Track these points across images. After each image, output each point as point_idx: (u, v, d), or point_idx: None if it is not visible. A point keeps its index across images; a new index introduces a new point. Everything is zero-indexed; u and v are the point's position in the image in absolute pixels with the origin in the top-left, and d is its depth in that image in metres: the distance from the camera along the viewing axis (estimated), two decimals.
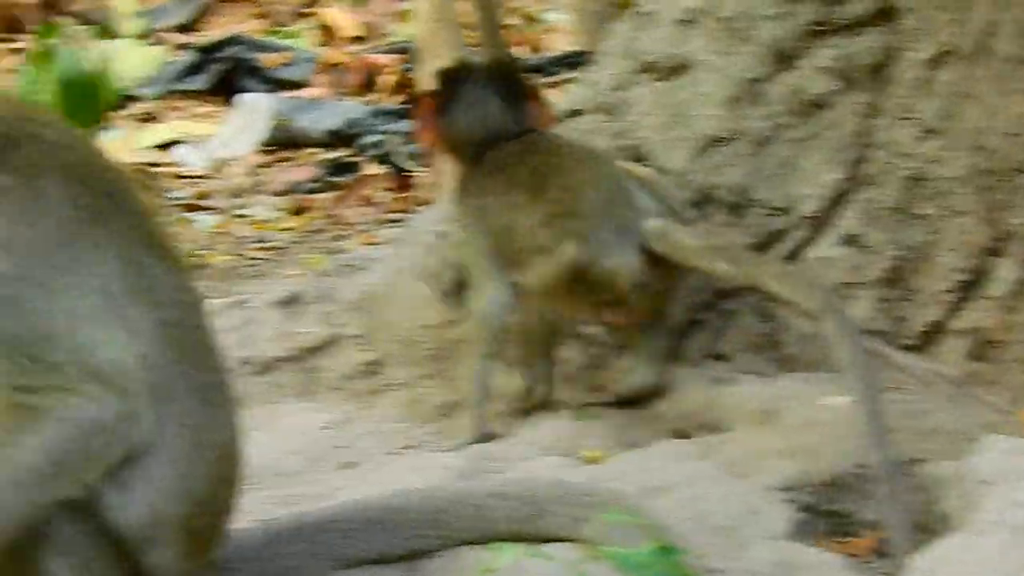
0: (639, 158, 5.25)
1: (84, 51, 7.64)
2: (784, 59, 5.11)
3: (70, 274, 3.22)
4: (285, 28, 10.35)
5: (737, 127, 5.15)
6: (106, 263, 3.23)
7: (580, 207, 4.85)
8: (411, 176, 8.09)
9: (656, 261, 4.80)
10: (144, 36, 9.91)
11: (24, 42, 9.54)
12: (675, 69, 5.27)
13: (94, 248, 3.23)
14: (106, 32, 8.34)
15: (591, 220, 4.82)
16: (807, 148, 5.11)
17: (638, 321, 4.98)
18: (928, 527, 4.00)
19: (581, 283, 4.81)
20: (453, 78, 5.30)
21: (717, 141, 5.16)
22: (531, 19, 10.00)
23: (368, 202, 7.91)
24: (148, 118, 8.93)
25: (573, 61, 8.55)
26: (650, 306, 4.92)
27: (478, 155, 5.15)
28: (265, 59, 9.58)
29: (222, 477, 3.41)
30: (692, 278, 4.99)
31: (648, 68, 5.33)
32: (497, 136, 5.12)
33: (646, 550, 3.17)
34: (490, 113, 5.15)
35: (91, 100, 7.67)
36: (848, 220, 5.06)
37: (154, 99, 9.15)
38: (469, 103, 5.17)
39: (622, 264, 4.79)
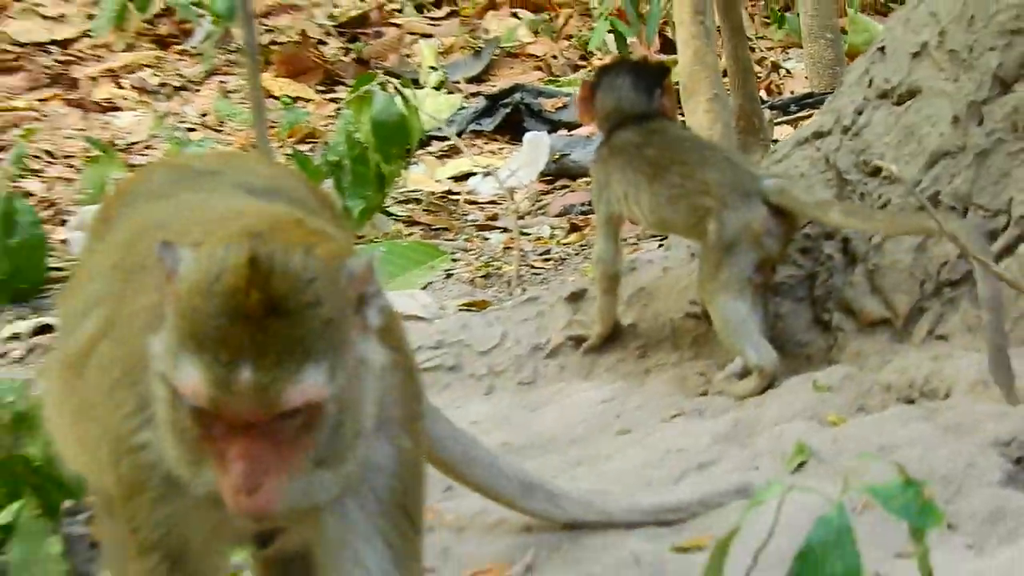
0: (876, 171, 5.42)
1: (394, 97, 7.83)
2: (1003, 84, 5.23)
3: None
4: (561, 78, 10.57)
5: (961, 143, 5.25)
6: None
7: (707, 186, 5.40)
8: None
9: (778, 213, 5.32)
10: (442, 86, 10.17)
11: (341, 93, 9.93)
12: (908, 94, 5.45)
13: None
14: (411, 83, 8.67)
15: (718, 194, 5.36)
16: (1021, 160, 5.19)
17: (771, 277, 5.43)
18: None
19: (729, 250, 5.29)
20: (605, 70, 6.05)
21: (944, 155, 5.28)
22: (775, 66, 10.17)
23: (632, 222, 8.07)
24: (447, 154, 9.21)
25: (806, 101, 8.75)
26: (779, 255, 5.38)
27: (611, 132, 5.78)
28: (544, 103, 9.77)
29: None
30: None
31: (884, 94, 5.52)
32: (627, 117, 5.75)
33: (895, 483, 2.90)
34: (623, 97, 5.79)
35: (400, 138, 7.87)
36: None
37: (451, 138, 9.31)
38: (609, 88, 5.83)
39: (753, 217, 5.29)
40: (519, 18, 11.32)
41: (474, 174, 8.97)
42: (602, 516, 4.24)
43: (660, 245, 6.21)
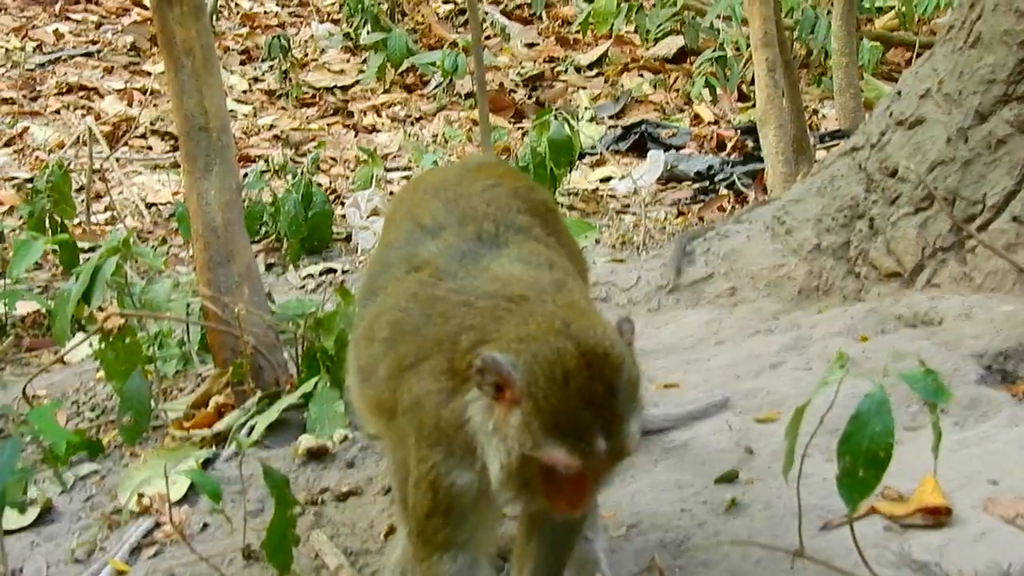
0: (894, 173, 5.39)
1: (562, 125, 7.85)
2: (982, 116, 5.19)
3: None
4: (672, 116, 10.54)
5: (952, 155, 5.21)
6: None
7: None
8: (745, 198, 8.14)
9: None
10: (593, 120, 10.13)
11: (525, 124, 9.91)
12: (916, 122, 5.42)
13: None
14: (572, 116, 8.72)
15: None
16: (993, 166, 5.14)
17: None
18: None
19: None
20: None
21: (940, 163, 5.24)
22: (815, 111, 10.05)
23: (720, 210, 8.00)
24: (596, 163, 9.16)
25: (837, 134, 8.58)
26: None
27: None
28: (660, 133, 9.71)
29: None
30: None
31: (900, 122, 5.48)
32: None
33: (919, 371, 2.91)
34: None
35: (566, 152, 7.88)
36: (1014, 207, 5.07)
37: (599, 154, 9.33)
38: None
39: None
40: (643, 77, 11.28)
41: (612, 178, 8.91)
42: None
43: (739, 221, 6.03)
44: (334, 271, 7.09)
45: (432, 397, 2.61)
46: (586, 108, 10.47)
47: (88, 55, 10.90)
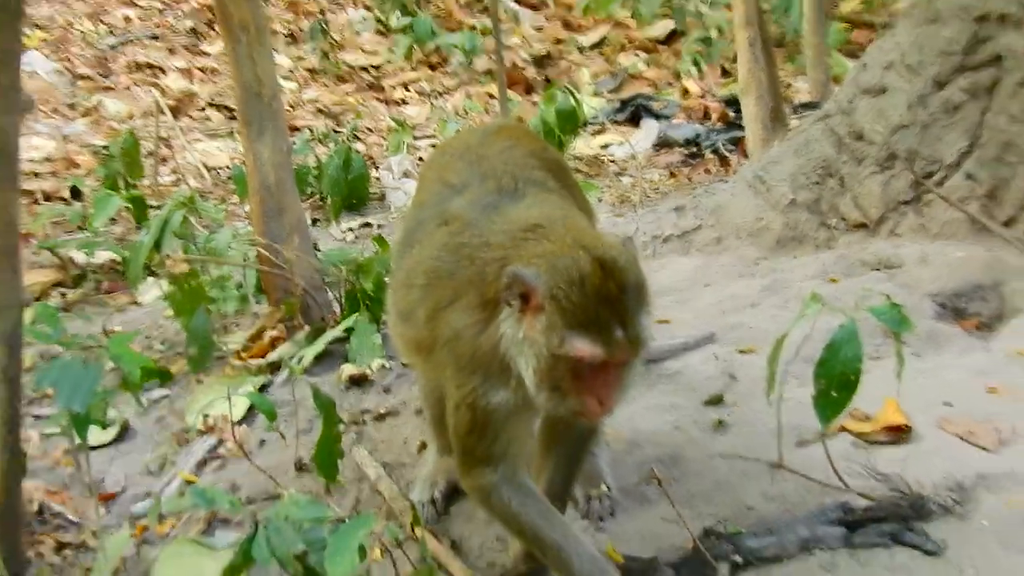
0: (860, 136, 5.31)
1: (568, 98, 7.80)
2: (939, 85, 5.14)
3: None
4: (664, 90, 10.42)
5: (912, 120, 5.16)
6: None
7: None
8: (728, 161, 8.05)
9: None
10: (594, 93, 10.01)
11: (535, 97, 9.82)
12: (880, 90, 5.35)
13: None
14: (576, 90, 8.63)
15: None
16: (949, 129, 5.10)
17: None
18: None
19: None
20: None
21: (901, 127, 5.20)
22: (789, 85, 9.92)
23: (707, 172, 7.91)
24: (597, 132, 9.01)
25: (809, 104, 8.45)
26: None
27: None
28: (653, 105, 9.53)
29: None
30: None
31: (866, 91, 5.41)
32: None
33: (885, 304, 2.97)
34: None
35: (571, 122, 7.84)
36: (968, 165, 5.04)
37: (599, 123, 9.17)
38: None
39: None
40: (638, 56, 11.16)
41: (611, 144, 8.79)
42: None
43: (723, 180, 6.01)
44: (370, 225, 7.06)
45: (469, 330, 2.61)
46: (588, 83, 10.33)
47: (154, 37, 10.82)
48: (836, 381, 2.92)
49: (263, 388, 4.30)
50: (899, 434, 3.43)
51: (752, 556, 2.90)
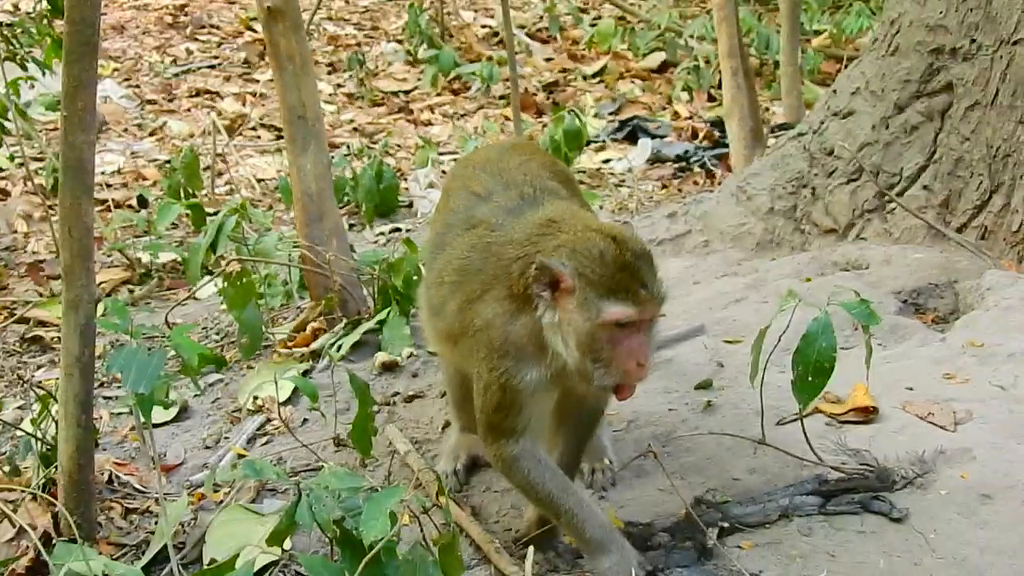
0: (831, 152, 5.21)
1: (574, 119, 7.68)
2: (900, 108, 5.09)
3: None
4: (657, 113, 10.37)
5: (877, 139, 5.11)
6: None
7: None
8: (714, 174, 8.01)
9: None
10: (597, 116, 9.92)
11: (544, 119, 9.67)
12: (848, 113, 5.28)
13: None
14: (581, 112, 8.56)
15: None
16: (909, 146, 5.05)
17: None
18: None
19: None
20: None
21: (867, 145, 5.12)
22: (767, 108, 9.85)
23: (695, 184, 7.88)
24: (599, 148, 8.96)
25: (784, 126, 8.33)
26: None
27: None
28: (649, 125, 9.48)
29: None
30: None
31: (836, 113, 5.33)
32: None
33: (855, 300, 2.97)
34: None
35: (576, 140, 7.77)
36: (925, 178, 4.98)
37: (601, 141, 9.12)
38: None
39: None
40: (634, 83, 11.11)
41: (612, 160, 8.74)
42: None
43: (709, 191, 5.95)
44: (400, 229, 7.03)
45: (499, 318, 2.63)
46: (591, 107, 10.28)
47: (211, 67, 10.83)
48: (812, 367, 2.90)
49: (306, 373, 4.28)
50: (867, 415, 3.40)
51: (738, 522, 2.90)
